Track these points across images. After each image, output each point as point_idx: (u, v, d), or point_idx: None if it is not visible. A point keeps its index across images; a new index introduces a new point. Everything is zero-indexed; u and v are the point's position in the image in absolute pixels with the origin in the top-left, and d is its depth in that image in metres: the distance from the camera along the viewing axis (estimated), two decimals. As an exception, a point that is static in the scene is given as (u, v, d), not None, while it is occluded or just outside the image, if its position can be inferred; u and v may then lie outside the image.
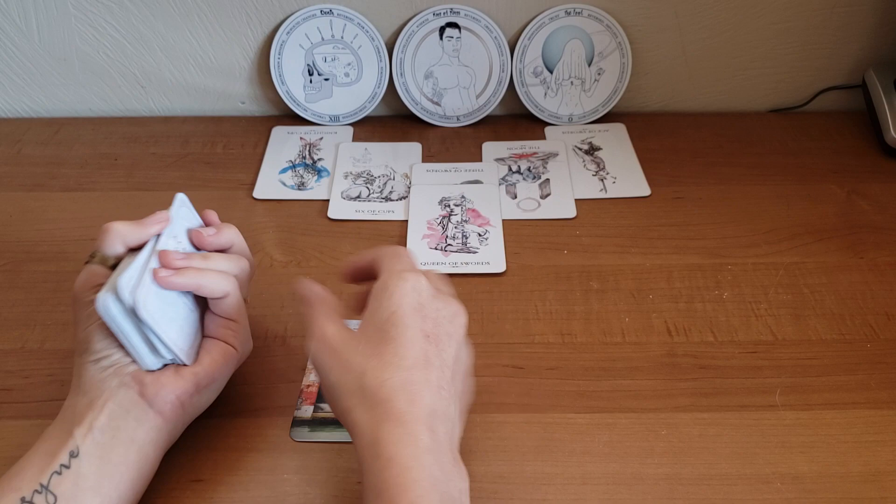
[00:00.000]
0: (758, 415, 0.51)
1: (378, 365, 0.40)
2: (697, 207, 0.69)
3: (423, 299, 0.42)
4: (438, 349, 0.41)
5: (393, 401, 0.38)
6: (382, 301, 0.42)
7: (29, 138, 0.80)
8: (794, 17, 0.78)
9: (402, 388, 0.39)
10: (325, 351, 0.42)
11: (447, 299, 0.44)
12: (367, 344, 0.41)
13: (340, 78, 0.79)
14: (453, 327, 0.43)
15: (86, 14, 0.77)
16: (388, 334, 0.41)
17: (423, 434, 0.38)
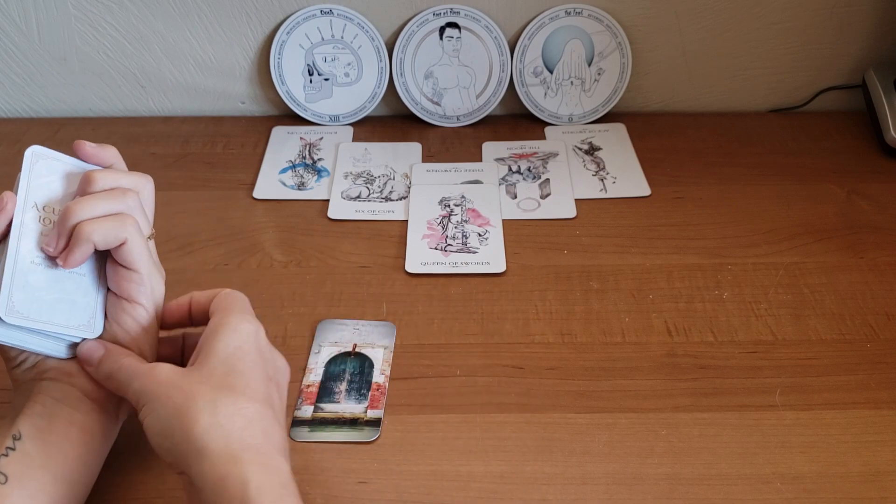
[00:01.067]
0: (758, 415, 0.51)
1: (230, 395, 0.39)
2: (697, 207, 0.69)
3: (262, 346, 0.43)
4: (278, 394, 0.42)
5: (248, 430, 0.38)
6: (225, 336, 0.42)
7: (29, 138, 0.80)
8: (794, 17, 0.78)
9: (258, 420, 0.39)
10: (161, 385, 0.40)
11: (277, 353, 0.44)
12: (212, 376, 0.40)
13: (340, 78, 0.79)
14: (283, 380, 0.44)
15: (86, 14, 0.77)
16: (236, 368, 0.41)
17: (282, 465, 0.38)
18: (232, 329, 0.42)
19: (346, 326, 0.57)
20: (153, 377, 0.41)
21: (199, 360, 0.41)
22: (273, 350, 0.44)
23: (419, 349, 0.56)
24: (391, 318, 0.58)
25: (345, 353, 0.55)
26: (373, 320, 0.58)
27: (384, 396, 0.52)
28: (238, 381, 0.40)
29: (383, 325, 0.57)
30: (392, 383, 0.53)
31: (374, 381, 0.53)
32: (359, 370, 0.54)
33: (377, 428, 0.50)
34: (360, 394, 0.52)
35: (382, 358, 0.55)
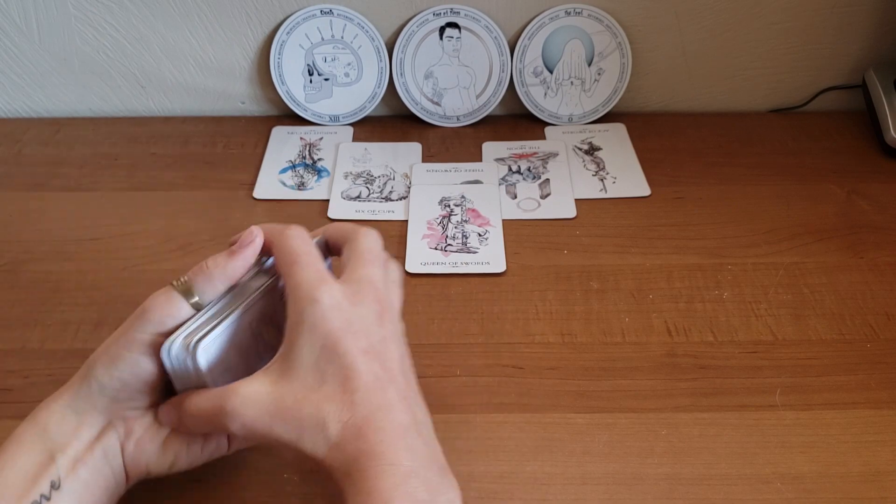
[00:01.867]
0: (758, 415, 0.51)
1: (332, 409, 0.37)
2: (697, 207, 0.69)
3: (346, 313, 0.39)
4: (382, 360, 0.39)
5: (361, 437, 0.36)
6: (304, 336, 0.38)
7: (29, 138, 0.80)
8: (794, 17, 0.78)
9: (366, 421, 0.37)
10: (259, 416, 0.37)
11: (364, 296, 0.41)
12: (309, 391, 0.37)
13: (340, 78, 0.79)
14: (384, 327, 0.40)
15: (86, 14, 0.77)
16: (328, 372, 0.38)
17: (402, 458, 0.36)
18: (309, 326, 0.38)
19: (347, 326, 0.57)
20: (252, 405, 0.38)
21: (286, 367, 0.38)
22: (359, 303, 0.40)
23: (419, 349, 0.56)
24: (391, 318, 0.58)
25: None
26: (373, 320, 0.58)
27: (384, 396, 0.52)
28: (333, 389, 0.37)
29: (383, 325, 0.57)
30: (392, 383, 0.53)
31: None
32: (359, 370, 0.54)
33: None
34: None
35: (382, 358, 0.55)
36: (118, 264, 0.63)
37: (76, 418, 0.41)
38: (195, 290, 0.42)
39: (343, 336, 0.38)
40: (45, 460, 0.39)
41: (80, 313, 0.59)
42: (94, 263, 0.63)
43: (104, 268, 0.63)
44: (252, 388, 0.38)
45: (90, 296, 0.60)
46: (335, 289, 0.40)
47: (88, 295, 0.60)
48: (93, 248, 0.65)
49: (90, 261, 0.64)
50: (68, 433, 0.40)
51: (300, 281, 0.40)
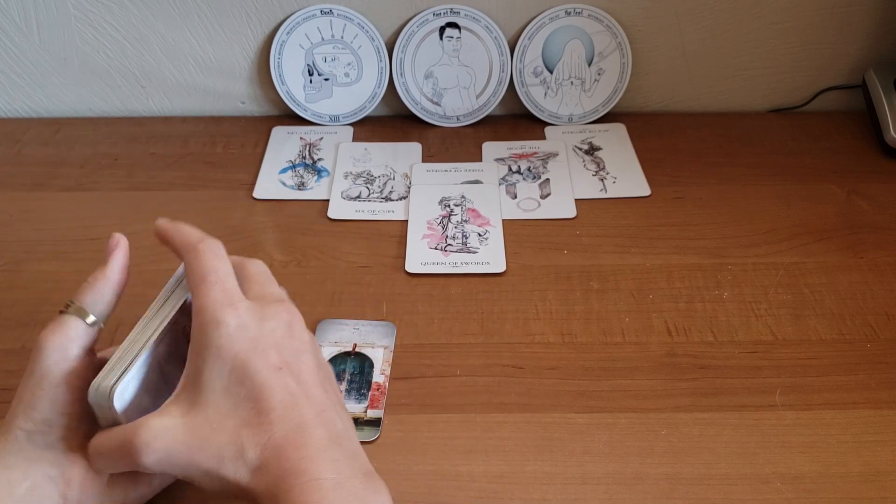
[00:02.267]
0: (758, 415, 0.51)
1: (249, 434, 0.36)
2: (697, 207, 0.69)
3: (252, 332, 0.38)
4: (296, 374, 0.38)
5: (283, 457, 0.35)
6: (211, 361, 0.37)
7: (29, 138, 0.80)
8: (794, 17, 0.78)
9: (285, 440, 0.36)
10: (174, 447, 0.36)
11: (270, 310, 0.39)
12: (223, 417, 0.36)
13: (340, 78, 0.79)
14: (295, 338, 0.39)
15: (86, 14, 0.77)
16: (240, 396, 0.37)
17: (325, 472, 0.35)
18: (215, 350, 0.37)
19: (346, 326, 0.57)
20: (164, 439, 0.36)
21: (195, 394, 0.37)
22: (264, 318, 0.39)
23: (419, 349, 0.56)
24: (391, 318, 0.58)
25: (345, 353, 0.55)
26: (373, 320, 0.58)
27: (384, 396, 0.52)
28: (248, 412, 0.36)
29: (383, 325, 0.57)
30: (392, 383, 0.53)
31: (374, 380, 0.53)
32: (359, 370, 0.54)
33: (377, 428, 0.50)
34: (360, 394, 0.52)
35: (382, 358, 0.55)
36: (118, 264, 0.63)
37: (5, 475, 0.39)
38: (85, 305, 0.41)
39: (251, 356, 0.37)
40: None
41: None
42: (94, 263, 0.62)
43: None
44: (163, 420, 0.37)
45: (90, 296, 0.60)
46: (241, 308, 0.39)
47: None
48: (93, 248, 0.65)
49: (90, 261, 0.63)
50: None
51: (205, 303, 0.38)
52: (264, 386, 0.37)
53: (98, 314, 0.42)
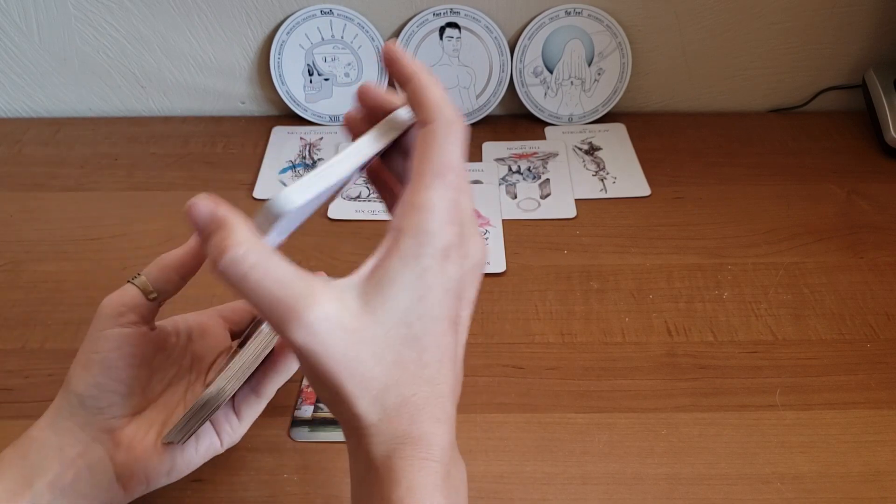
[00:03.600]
0: (758, 415, 0.51)
1: (401, 379, 0.33)
2: (697, 207, 0.69)
3: (452, 269, 0.33)
4: (460, 331, 0.35)
5: (416, 421, 0.33)
6: (409, 276, 0.32)
7: (29, 138, 0.80)
8: (794, 17, 0.78)
9: (426, 404, 0.33)
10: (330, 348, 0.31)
11: (473, 245, 0.35)
12: (387, 344, 0.32)
13: (340, 78, 0.79)
14: (475, 289, 0.36)
15: (86, 14, 0.77)
16: (412, 331, 0.33)
17: (445, 455, 0.33)
18: (418, 270, 0.32)
19: (347, 326, 0.57)
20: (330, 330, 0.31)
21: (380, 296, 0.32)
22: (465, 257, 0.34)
23: (419, 349, 0.56)
24: (391, 318, 0.58)
25: None
26: (373, 320, 0.58)
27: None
28: (411, 356, 0.33)
29: (383, 325, 0.57)
30: (392, 383, 0.53)
31: None
32: (359, 370, 0.54)
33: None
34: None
35: (382, 358, 0.55)
36: (118, 264, 0.63)
37: (57, 439, 0.40)
38: (149, 280, 0.42)
39: (442, 297, 0.33)
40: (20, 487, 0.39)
41: (80, 313, 0.59)
42: (94, 263, 0.63)
43: (104, 268, 0.63)
44: (339, 309, 0.32)
45: (90, 296, 0.60)
46: (456, 233, 0.34)
47: (88, 295, 0.60)
48: (93, 248, 0.65)
49: (90, 261, 0.64)
50: (49, 456, 0.40)
51: (433, 204, 0.33)
52: (434, 337, 0.33)
53: (161, 291, 0.42)
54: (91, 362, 0.41)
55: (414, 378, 0.33)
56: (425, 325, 0.33)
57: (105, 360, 0.41)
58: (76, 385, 0.41)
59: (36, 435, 0.41)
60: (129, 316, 0.41)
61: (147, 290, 0.42)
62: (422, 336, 0.33)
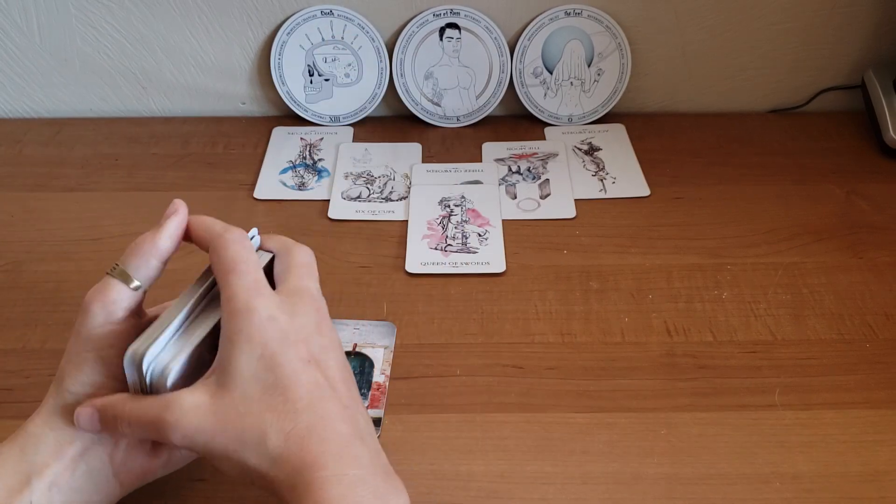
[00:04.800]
0: (757, 414, 0.51)
1: (273, 421, 0.36)
2: (697, 207, 0.69)
3: (282, 324, 0.38)
4: (323, 369, 0.38)
5: (304, 449, 0.36)
6: (241, 347, 0.37)
7: (30, 138, 0.80)
8: (794, 18, 0.78)
9: (309, 431, 0.36)
10: (200, 428, 0.37)
11: (301, 306, 0.40)
12: (249, 402, 0.37)
13: (341, 78, 0.79)
14: (323, 335, 0.40)
15: (86, 14, 0.77)
16: (267, 383, 0.37)
17: (347, 468, 0.36)
18: (246, 338, 0.37)
19: (347, 326, 0.57)
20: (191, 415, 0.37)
21: (224, 379, 0.38)
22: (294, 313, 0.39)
23: (419, 349, 0.56)
24: (391, 318, 0.58)
25: (345, 353, 0.55)
26: (373, 320, 0.58)
27: (384, 396, 0.52)
28: (275, 399, 0.37)
29: (383, 325, 0.57)
30: (392, 383, 0.53)
31: (374, 380, 0.53)
32: (359, 370, 0.54)
33: (377, 427, 0.50)
34: (360, 393, 0.52)
35: (383, 358, 0.55)
36: (119, 264, 0.63)
37: (54, 434, 0.40)
38: (129, 270, 0.42)
39: (281, 346, 0.37)
40: (19, 484, 0.39)
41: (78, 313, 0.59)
42: (94, 263, 0.64)
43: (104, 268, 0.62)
44: (192, 399, 0.37)
45: (91, 296, 0.60)
46: (271, 299, 0.39)
47: (89, 295, 0.60)
48: (93, 248, 0.65)
49: (90, 261, 0.64)
50: (47, 453, 0.40)
51: (236, 291, 0.39)
52: (292, 376, 0.37)
53: (142, 279, 0.42)
54: (83, 361, 0.41)
55: (288, 414, 0.36)
56: (278, 371, 0.37)
57: (97, 358, 0.41)
58: (69, 384, 0.41)
59: (32, 431, 0.41)
60: (117, 312, 0.41)
61: (129, 280, 0.42)
62: (279, 380, 0.37)
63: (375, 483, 0.36)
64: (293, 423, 0.36)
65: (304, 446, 0.36)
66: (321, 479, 0.35)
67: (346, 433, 0.37)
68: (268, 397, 0.37)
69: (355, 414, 0.38)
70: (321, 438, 0.36)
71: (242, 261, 0.40)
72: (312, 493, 0.34)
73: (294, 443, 0.36)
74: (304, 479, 0.35)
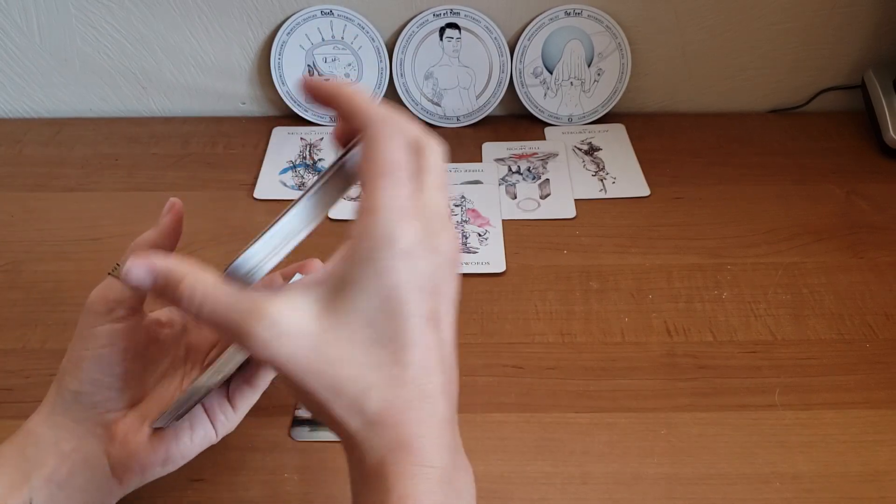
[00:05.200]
0: (757, 414, 0.51)
1: (378, 382, 0.32)
2: (697, 207, 0.69)
3: (420, 267, 0.32)
4: (441, 329, 0.34)
5: (401, 425, 0.32)
6: (367, 278, 0.32)
7: (30, 138, 0.80)
8: (794, 18, 0.78)
9: (409, 406, 0.32)
10: (293, 357, 0.31)
11: (441, 239, 0.34)
12: (357, 347, 0.32)
13: (341, 79, 0.79)
14: (452, 283, 0.34)
15: (86, 14, 0.77)
16: (384, 333, 0.32)
17: (436, 459, 0.32)
18: (377, 271, 0.32)
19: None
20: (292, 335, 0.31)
21: (338, 302, 0.32)
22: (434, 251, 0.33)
23: (419, 349, 0.56)
24: (391, 318, 0.58)
25: None
26: (373, 320, 0.58)
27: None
28: (386, 355, 0.32)
29: (383, 325, 0.57)
30: (392, 383, 0.53)
31: None
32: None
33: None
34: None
35: (383, 358, 0.55)
36: (119, 264, 0.63)
37: (53, 433, 0.40)
38: None
39: (411, 294, 0.32)
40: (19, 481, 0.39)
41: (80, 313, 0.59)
42: (94, 263, 0.64)
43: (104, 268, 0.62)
44: (292, 319, 0.32)
45: (91, 296, 0.60)
46: (417, 230, 0.33)
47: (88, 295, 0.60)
48: (93, 248, 0.65)
49: (90, 261, 0.64)
50: (46, 451, 0.40)
51: (384, 203, 0.32)
52: (410, 336, 0.32)
53: None
54: (83, 360, 0.41)
55: (393, 380, 0.32)
56: (397, 325, 0.32)
57: (97, 356, 0.41)
58: (69, 382, 0.41)
59: (32, 429, 0.41)
60: (119, 310, 0.41)
61: None
62: (395, 336, 0.32)
63: (454, 475, 0.33)
64: (397, 391, 0.32)
65: (403, 420, 0.32)
66: (411, 467, 0.31)
67: (444, 414, 0.33)
68: (378, 351, 0.32)
69: (454, 388, 0.34)
70: (420, 418, 0.32)
71: (402, 167, 0.34)
72: (399, 482, 0.31)
73: (391, 415, 0.32)
74: (392, 457, 0.32)
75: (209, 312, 0.33)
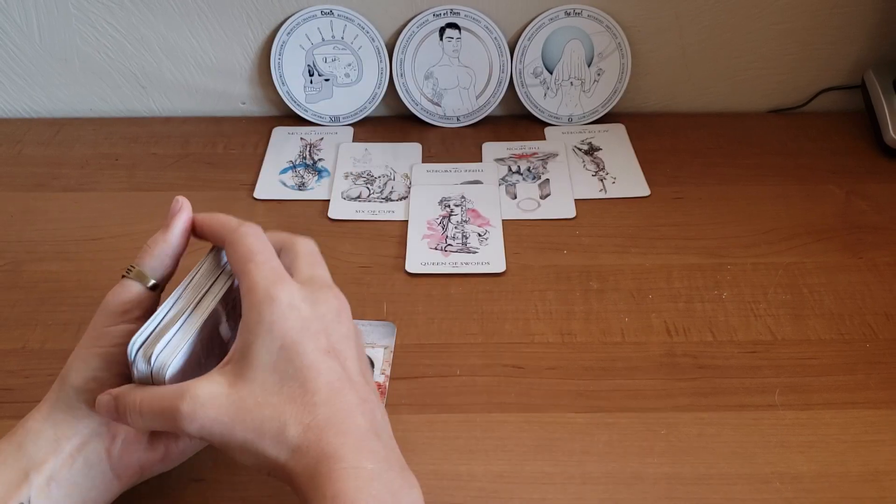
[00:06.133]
0: (757, 414, 0.51)
1: (293, 412, 0.36)
2: (697, 207, 0.69)
3: (304, 313, 0.38)
4: (342, 360, 0.39)
5: (323, 441, 0.36)
6: (262, 337, 0.37)
7: (30, 138, 0.80)
8: (794, 17, 0.78)
9: (328, 423, 0.36)
10: (217, 418, 0.36)
11: (321, 294, 0.40)
12: (268, 393, 0.37)
13: (341, 78, 0.79)
14: (342, 324, 0.40)
15: (86, 14, 0.77)
16: (287, 374, 0.37)
17: (364, 461, 0.36)
18: (267, 326, 0.37)
19: (347, 326, 0.57)
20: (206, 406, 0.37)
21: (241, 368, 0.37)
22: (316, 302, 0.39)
23: (419, 349, 0.56)
24: (391, 318, 0.58)
25: None
26: (373, 320, 0.58)
27: (384, 396, 0.52)
28: (294, 390, 0.37)
29: (383, 325, 0.57)
30: (392, 383, 0.53)
31: (374, 380, 0.53)
32: (359, 370, 0.54)
33: (377, 428, 0.50)
34: (360, 393, 0.52)
35: (383, 358, 0.55)
36: (118, 264, 0.63)
37: (54, 431, 0.41)
38: (145, 270, 0.43)
39: (302, 336, 0.38)
40: (18, 479, 0.39)
41: (81, 313, 0.59)
42: (94, 263, 0.64)
43: (104, 268, 0.63)
44: (208, 389, 0.37)
45: (90, 296, 0.60)
46: (293, 287, 0.39)
47: (88, 295, 0.60)
48: (93, 248, 0.65)
49: (90, 261, 0.64)
50: (46, 448, 0.40)
51: (257, 280, 0.39)
52: (312, 367, 0.37)
53: (158, 277, 0.43)
54: (92, 357, 0.41)
55: (307, 405, 0.36)
56: (299, 360, 0.37)
57: (107, 354, 0.41)
58: (74, 379, 0.41)
59: (31, 426, 0.41)
60: (134, 312, 0.42)
61: (145, 280, 0.43)
62: (300, 368, 0.37)
63: (390, 477, 0.36)
64: (312, 414, 0.36)
65: (322, 438, 0.36)
66: (339, 470, 0.35)
67: (364, 426, 0.37)
68: (287, 388, 0.37)
69: (373, 407, 0.39)
70: (339, 431, 0.36)
71: (259, 251, 0.40)
72: (330, 484, 0.35)
73: (313, 434, 0.36)
74: (321, 470, 0.35)
75: (139, 412, 0.38)
